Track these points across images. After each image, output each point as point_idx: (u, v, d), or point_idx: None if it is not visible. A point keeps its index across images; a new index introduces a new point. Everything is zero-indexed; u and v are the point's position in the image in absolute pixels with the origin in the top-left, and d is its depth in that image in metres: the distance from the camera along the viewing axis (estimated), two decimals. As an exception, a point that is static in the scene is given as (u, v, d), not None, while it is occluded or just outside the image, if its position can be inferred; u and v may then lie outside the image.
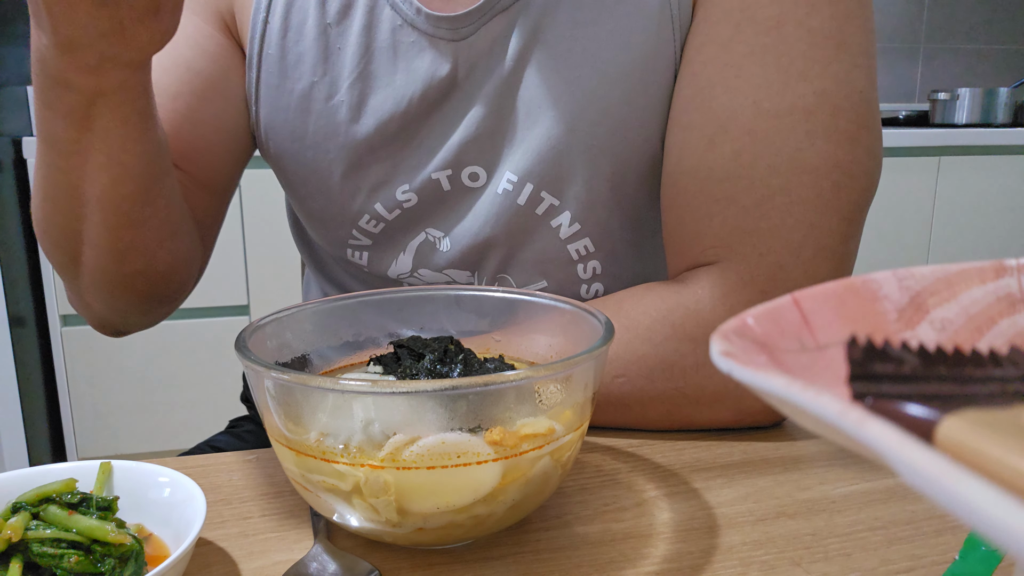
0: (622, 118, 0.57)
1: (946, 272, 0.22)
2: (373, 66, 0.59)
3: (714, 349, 0.17)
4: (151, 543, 0.38)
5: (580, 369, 0.37)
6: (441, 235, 0.63)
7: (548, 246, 0.62)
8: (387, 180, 0.61)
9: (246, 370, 0.38)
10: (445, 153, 0.59)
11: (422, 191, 0.61)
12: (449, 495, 0.35)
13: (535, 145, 0.58)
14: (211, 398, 1.82)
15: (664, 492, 0.46)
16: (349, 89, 0.59)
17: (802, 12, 0.52)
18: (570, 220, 0.60)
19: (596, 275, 0.64)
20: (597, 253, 0.62)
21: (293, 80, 0.60)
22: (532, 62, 0.57)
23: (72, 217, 0.53)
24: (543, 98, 0.57)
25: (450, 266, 0.64)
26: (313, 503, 0.39)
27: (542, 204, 0.60)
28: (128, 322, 0.64)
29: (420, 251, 0.64)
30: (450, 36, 0.57)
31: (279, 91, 0.61)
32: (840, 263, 0.53)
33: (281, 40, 0.60)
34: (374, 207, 0.62)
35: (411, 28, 0.58)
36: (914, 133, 2.03)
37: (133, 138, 0.50)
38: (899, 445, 0.12)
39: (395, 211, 0.62)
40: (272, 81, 0.61)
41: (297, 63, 0.60)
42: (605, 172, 0.58)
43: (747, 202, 0.52)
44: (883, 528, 0.41)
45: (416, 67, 0.58)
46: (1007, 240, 2.19)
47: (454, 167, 0.60)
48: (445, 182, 0.61)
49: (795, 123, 0.51)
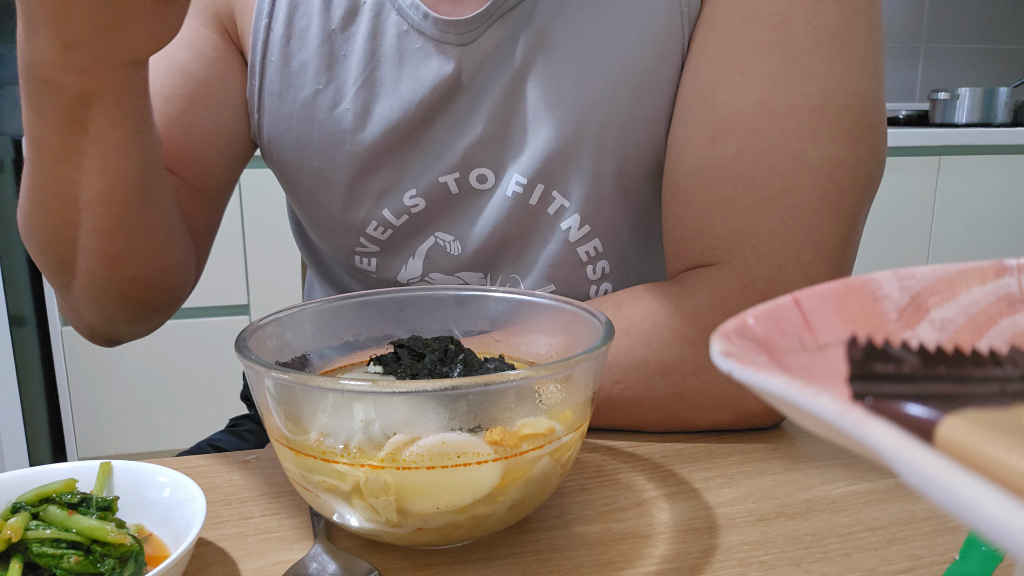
0: (630, 117, 0.57)
1: (946, 272, 0.22)
2: (379, 73, 0.58)
3: (714, 349, 0.17)
4: (151, 543, 0.38)
5: (580, 369, 0.37)
6: (451, 239, 0.62)
7: (558, 248, 0.61)
8: (394, 186, 0.61)
9: (246, 370, 0.38)
10: (452, 156, 0.59)
11: (430, 195, 0.61)
12: (449, 495, 0.35)
13: (543, 146, 0.58)
14: (211, 398, 1.82)
15: (664, 492, 0.46)
16: (354, 97, 0.58)
17: (809, 9, 0.51)
18: (579, 223, 0.60)
19: (605, 275, 0.63)
20: (606, 253, 0.62)
21: (296, 88, 0.59)
22: (538, 63, 0.57)
23: (62, 223, 0.51)
24: (551, 99, 0.57)
25: (461, 269, 0.63)
26: (313, 503, 0.39)
27: (553, 204, 0.60)
28: (118, 331, 0.62)
29: (430, 256, 0.63)
30: (457, 40, 0.57)
31: (282, 99, 0.60)
32: (839, 266, 0.53)
33: (284, 47, 0.59)
34: (382, 213, 0.62)
35: (417, 33, 0.57)
36: (914, 133, 2.03)
37: (128, 141, 0.48)
38: (899, 445, 0.12)
39: (403, 216, 0.62)
40: (275, 89, 0.60)
41: (301, 71, 0.59)
42: (613, 172, 0.58)
43: (748, 203, 0.51)
44: (883, 528, 0.41)
45: (422, 73, 0.58)
46: (1007, 240, 2.19)
47: (461, 170, 0.60)
48: (453, 185, 0.60)
49: (799, 122, 0.51)
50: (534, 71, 0.57)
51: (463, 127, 0.59)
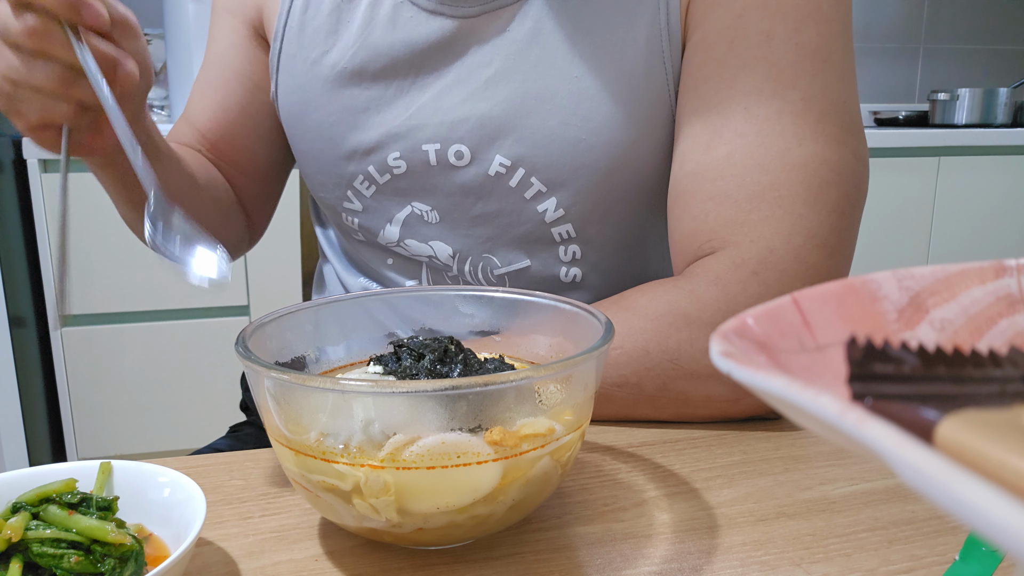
0: (610, 116, 0.61)
1: (946, 272, 0.22)
2: (373, 38, 0.65)
3: (714, 349, 0.17)
4: (151, 543, 0.38)
5: (580, 369, 0.37)
6: (428, 208, 0.67)
7: (533, 228, 0.65)
8: (382, 144, 0.66)
9: (246, 370, 0.38)
10: (437, 128, 0.64)
11: (411, 160, 0.66)
12: (449, 495, 0.35)
13: (529, 133, 0.62)
14: (211, 398, 1.82)
15: (664, 492, 0.46)
16: (352, 57, 0.65)
17: (791, 29, 0.56)
18: (555, 205, 0.64)
19: (576, 259, 0.67)
20: (578, 239, 0.66)
21: (308, 49, 0.67)
22: (533, 56, 0.61)
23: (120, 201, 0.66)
24: (541, 90, 0.61)
25: (436, 238, 0.68)
26: (313, 503, 0.39)
27: (531, 189, 0.64)
28: None
29: (407, 223, 0.69)
30: (450, 12, 0.62)
31: (295, 59, 0.68)
32: (832, 253, 0.55)
33: (302, 16, 0.68)
34: (367, 168, 0.67)
35: (411, 4, 0.64)
36: (914, 133, 2.03)
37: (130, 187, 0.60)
38: (899, 445, 0.12)
39: (385, 175, 0.67)
40: (291, 51, 0.69)
41: (313, 35, 0.67)
42: (591, 166, 0.62)
43: (739, 197, 0.55)
44: (883, 528, 0.41)
45: (413, 38, 0.64)
46: (1007, 240, 2.19)
47: (443, 142, 0.64)
48: (432, 156, 0.65)
49: (784, 125, 0.55)
50: (525, 63, 0.61)
51: (450, 101, 0.64)
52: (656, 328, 0.54)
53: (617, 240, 0.67)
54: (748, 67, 0.56)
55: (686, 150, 0.58)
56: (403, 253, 0.71)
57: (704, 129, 0.57)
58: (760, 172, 0.54)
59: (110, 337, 1.73)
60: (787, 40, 0.56)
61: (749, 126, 0.55)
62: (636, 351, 0.54)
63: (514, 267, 0.68)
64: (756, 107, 0.55)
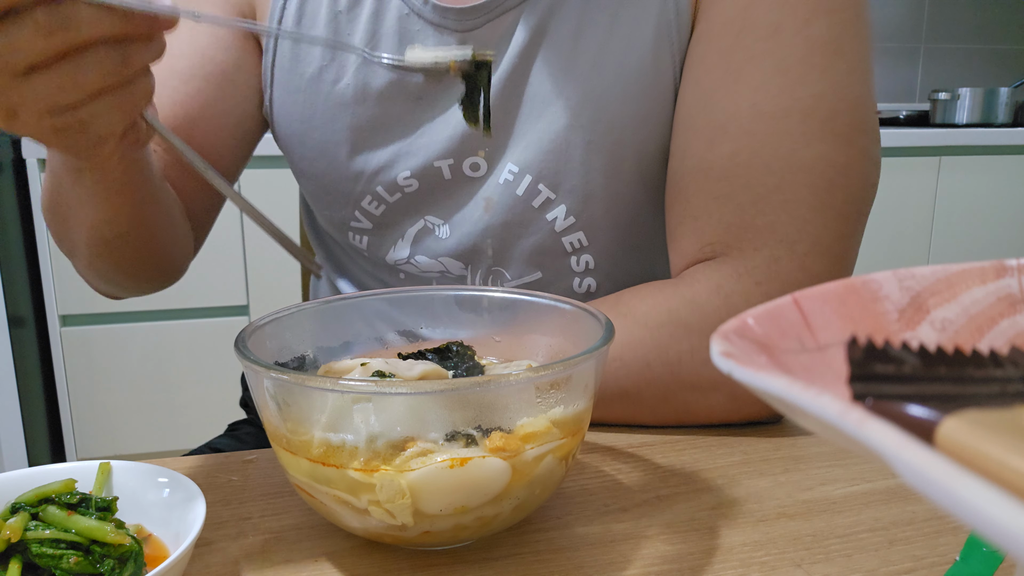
0: (618, 116, 0.59)
1: (946, 272, 0.22)
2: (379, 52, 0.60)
3: (714, 349, 0.17)
4: (151, 543, 0.38)
5: (580, 369, 0.36)
6: (440, 222, 0.65)
7: (543, 239, 0.63)
8: (390, 164, 0.63)
9: (246, 370, 0.38)
10: (448, 143, 0.61)
11: (423, 178, 0.63)
12: (461, 496, 0.35)
13: (536, 138, 0.60)
14: (211, 398, 1.82)
15: (664, 492, 0.46)
16: (355, 73, 0.62)
17: (800, 20, 0.53)
18: (565, 213, 0.62)
19: (589, 269, 0.65)
20: (590, 248, 0.64)
21: (304, 64, 0.63)
22: (537, 59, 0.60)
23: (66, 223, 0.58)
24: (547, 94, 0.60)
25: (447, 254, 0.66)
26: (313, 503, 0.39)
27: (538, 197, 0.62)
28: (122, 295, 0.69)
29: (418, 238, 0.66)
30: (455, 27, 0.60)
31: (291, 74, 0.64)
32: (836, 260, 0.54)
33: (295, 26, 0.64)
34: (376, 189, 0.64)
35: (417, 17, 0.60)
36: (914, 133, 2.03)
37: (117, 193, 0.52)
38: (899, 446, 0.12)
39: (396, 194, 0.64)
40: (285, 64, 0.64)
41: (309, 48, 0.63)
42: (600, 168, 0.60)
43: (743, 199, 0.53)
44: (884, 529, 0.41)
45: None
46: (1007, 240, 2.19)
47: (456, 156, 0.62)
48: (447, 171, 0.62)
49: (791, 125, 0.53)
50: (533, 67, 0.60)
51: (459, 114, 0.61)
52: (657, 339, 0.53)
53: (629, 244, 0.65)
54: (755, 61, 0.54)
55: (687, 143, 0.56)
56: (412, 271, 0.68)
57: (707, 123, 0.55)
58: (766, 174, 0.53)
59: (109, 337, 1.73)
60: (796, 33, 0.53)
61: (755, 124, 0.53)
62: (637, 363, 0.53)
63: (525, 280, 0.66)
64: (763, 104, 0.53)
